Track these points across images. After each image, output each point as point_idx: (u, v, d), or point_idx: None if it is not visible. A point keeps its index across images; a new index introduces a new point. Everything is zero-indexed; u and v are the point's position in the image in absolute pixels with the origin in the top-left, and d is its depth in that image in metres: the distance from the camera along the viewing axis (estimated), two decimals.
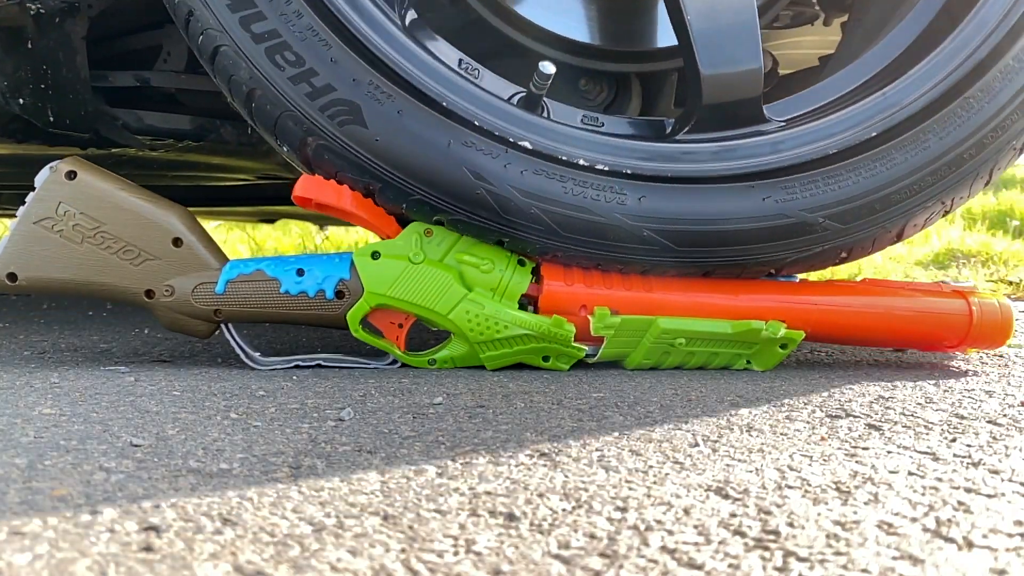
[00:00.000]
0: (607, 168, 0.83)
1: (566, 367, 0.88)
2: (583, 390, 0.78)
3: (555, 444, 0.60)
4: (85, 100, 1.00)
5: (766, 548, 0.43)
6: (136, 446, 0.58)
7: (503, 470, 0.54)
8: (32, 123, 1.00)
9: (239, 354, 0.87)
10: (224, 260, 0.86)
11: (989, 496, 0.50)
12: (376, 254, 0.85)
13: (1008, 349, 1.06)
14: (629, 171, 0.83)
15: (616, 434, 0.63)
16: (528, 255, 0.86)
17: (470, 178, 0.81)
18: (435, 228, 0.85)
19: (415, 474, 0.53)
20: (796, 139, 0.86)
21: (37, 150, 1.15)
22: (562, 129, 0.84)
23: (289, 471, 0.53)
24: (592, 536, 0.44)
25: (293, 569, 0.39)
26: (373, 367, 0.88)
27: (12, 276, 0.83)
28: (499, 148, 0.82)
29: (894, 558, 0.42)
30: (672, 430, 0.64)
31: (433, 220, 0.84)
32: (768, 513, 0.47)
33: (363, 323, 0.85)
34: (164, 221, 0.85)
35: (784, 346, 0.88)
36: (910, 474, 0.54)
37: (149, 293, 0.85)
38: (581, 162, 0.83)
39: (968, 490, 0.51)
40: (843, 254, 0.89)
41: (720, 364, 0.89)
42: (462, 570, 0.40)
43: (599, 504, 0.48)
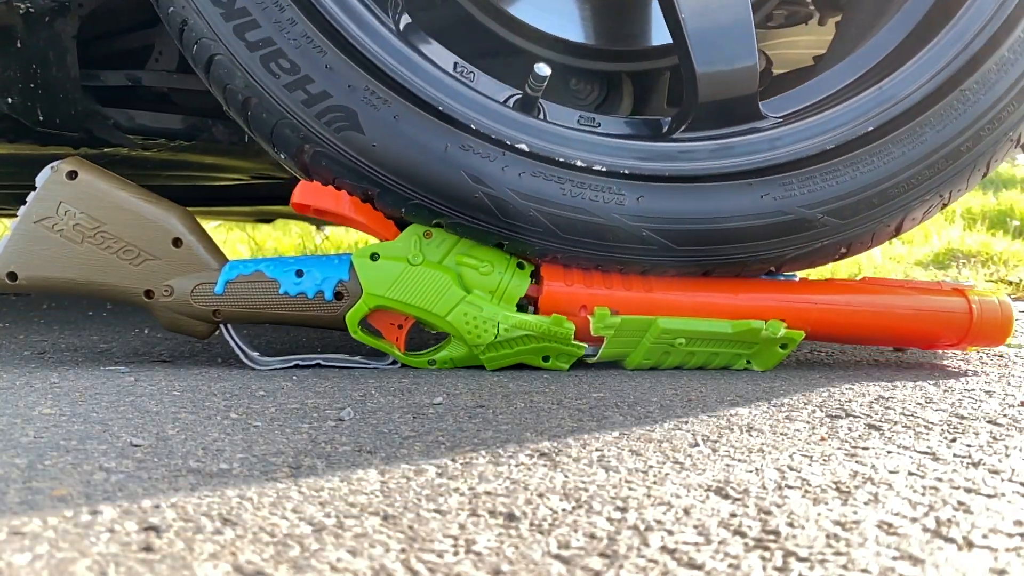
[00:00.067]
0: (605, 169, 0.83)
1: (566, 366, 0.88)
2: (583, 390, 0.78)
3: (555, 444, 0.60)
4: (75, 99, 1.00)
5: (766, 548, 0.43)
6: (136, 446, 0.58)
7: (503, 470, 0.54)
8: (22, 123, 1.00)
9: (238, 354, 0.87)
10: (224, 261, 0.86)
11: (989, 496, 0.50)
12: (375, 256, 0.85)
13: (1008, 349, 1.06)
14: (627, 171, 0.83)
15: (616, 434, 0.63)
16: (528, 257, 0.86)
17: (468, 182, 0.81)
18: (434, 230, 0.85)
19: (415, 474, 0.53)
20: (793, 135, 0.86)
21: (30, 150, 1.15)
22: (558, 130, 0.84)
23: (289, 471, 0.53)
24: (592, 536, 0.44)
25: (293, 569, 0.39)
26: (373, 367, 0.88)
27: (12, 275, 0.83)
28: (496, 151, 0.81)
29: (894, 558, 0.42)
30: (672, 430, 0.64)
31: (432, 224, 0.84)
32: (768, 513, 0.47)
33: (362, 324, 0.85)
34: (164, 221, 0.85)
35: (784, 346, 0.88)
36: (910, 474, 0.54)
37: (148, 293, 0.85)
38: (578, 163, 0.83)
39: (968, 490, 0.51)
40: (842, 249, 0.89)
41: (720, 364, 0.89)
42: (462, 570, 0.40)
43: (599, 504, 0.48)
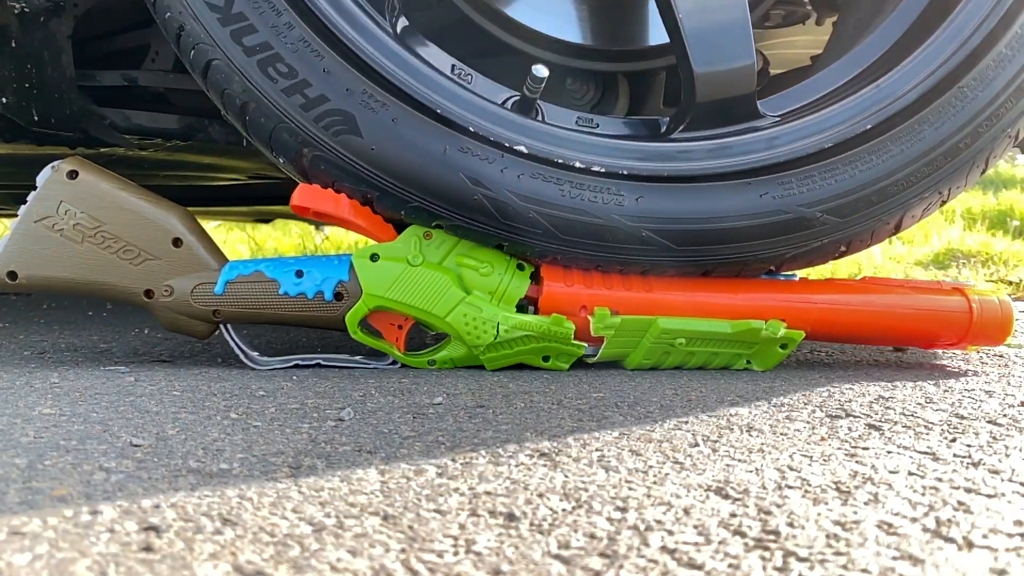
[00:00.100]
0: (603, 170, 0.83)
1: (566, 366, 0.88)
2: (583, 390, 0.78)
3: (555, 444, 0.60)
4: (71, 99, 1.00)
5: (766, 548, 0.43)
6: (136, 446, 0.58)
7: (503, 470, 0.54)
8: (18, 123, 1.00)
9: (238, 354, 0.87)
10: (224, 261, 0.86)
11: (989, 496, 0.50)
12: (375, 256, 0.85)
13: (1008, 349, 1.06)
14: (625, 172, 0.83)
15: (616, 434, 0.63)
16: (527, 258, 0.86)
17: (467, 184, 0.81)
18: (434, 231, 0.85)
19: (415, 474, 0.53)
20: (791, 134, 0.86)
21: (28, 150, 1.15)
22: (557, 132, 0.84)
23: (289, 471, 0.53)
24: (592, 536, 0.44)
25: (293, 569, 0.39)
26: (373, 367, 0.88)
27: (12, 274, 0.84)
28: (495, 153, 0.81)
29: (894, 558, 0.42)
30: (672, 430, 0.64)
31: (432, 226, 0.84)
32: (768, 513, 0.47)
33: (362, 324, 0.85)
34: (164, 221, 0.85)
35: (784, 346, 0.88)
36: (910, 474, 0.54)
37: (148, 293, 0.85)
38: (577, 164, 0.83)
39: (968, 490, 0.51)
40: (842, 248, 0.89)
41: (720, 364, 0.89)
42: (462, 570, 0.40)
43: (599, 504, 0.48)
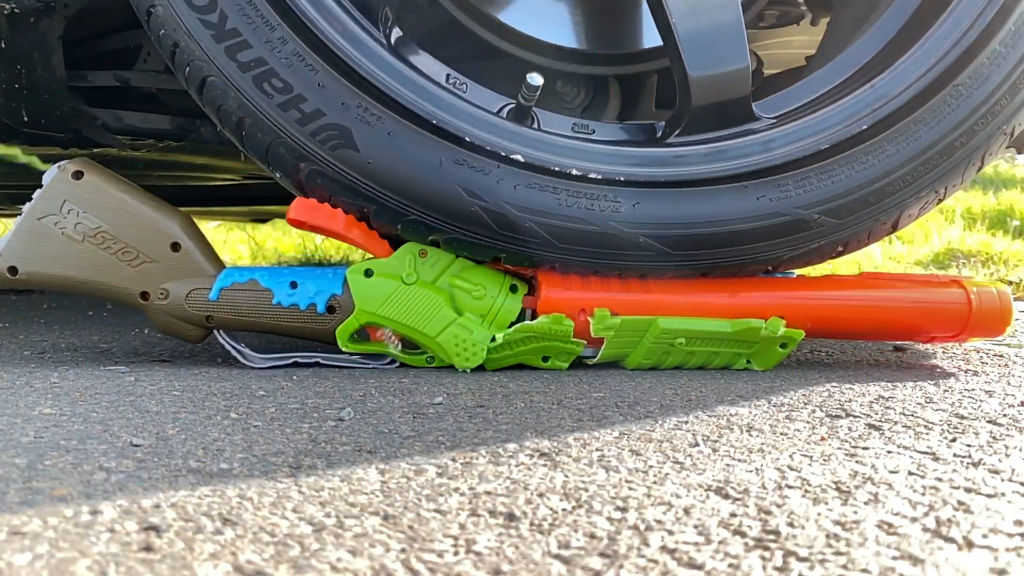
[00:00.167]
0: (600, 177, 0.83)
1: (565, 365, 0.88)
2: (583, 390, 0.78)
3: (555, 444, 0.60)
4: (61, 100, 1.00)
5: (766, 548, 0.43)
6: (136, 446, 0.58)
7: (503, 470, 0.54)
8: (8, 123, 1.00)
9: (235, 355, 0.87)
10: (220, 267, 0.86)
11: (989, 496, 0.50)
12: (369, 272, 0.85)
13: (1008, 349, 1.06)
14: (622, 178, 0.83)
15: (616, 434, 0.63)
16: (524, 268, 0.86)
17: (464, 196, 0.81)
18: (430, 249, 0.85)
19: (415, 474, 0.53)
20: (787, 136, 0.86)
21: (21, 151, 1.15)
22: (553, 139, 0.84)
23: (289, 471, 0.53)
24: (592, 536, 0.44)
25: (293, 569, 0.39)
26: (372, 367, 0.88)
27: (13, 270, 0.84)
28: (491, 164, 0.81)
29: (894, 558, 0.42)
30: (672, 430, 0.64)
31: (429, 240, 0.84)
32: (768, 513, 0.47)
33: (353, 335, 0.85)
34: (164, 225, 0.85)
35: (784, 345, 0.88)
36: (910, 474, 0.54)
37: (144, 295, 0.85)
38: (574, 172, 0.82)
39: (968, 490, 0.51)
40: (840, 248, 0.89)
41: (720, 364, 0.89)
42: (462, 570, 0.40)
43: (599, 504, 0.48)
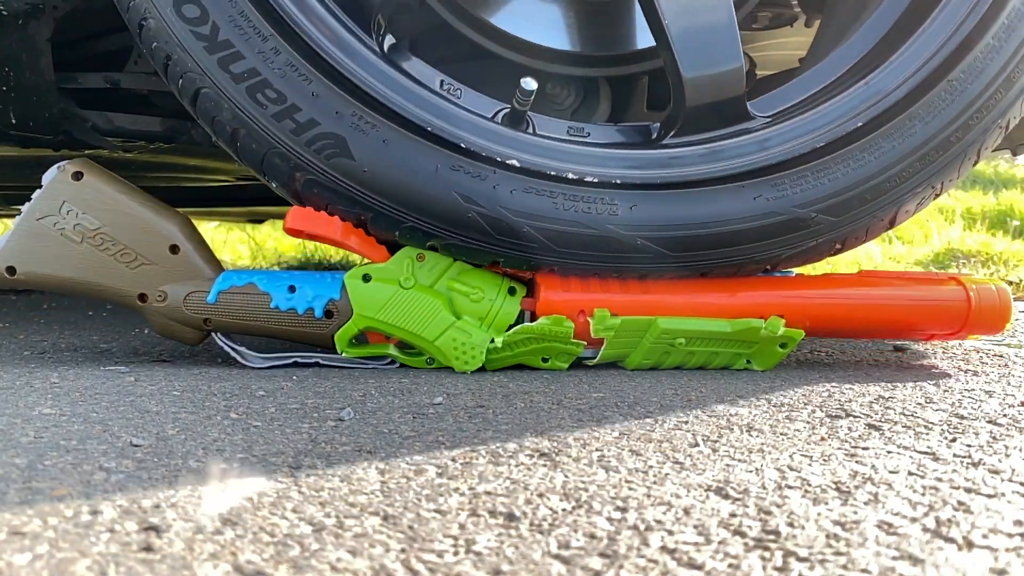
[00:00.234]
0: (596, 180, 0.83)
1: (565, 365, 0.88)
2: (583, 390, 0.78)
3: (555, 444, 0.60)
4: (50, 102, 0.99)
5: (766, 548, 0.43)
6: (136, 446, 0.58)
7: (503, 470, 0.54)
8: None
9: (234, 356, 0.87)
10: (219, 270, 0.86)
11: (989, 496, 0.50)
12: (367, 277, 0.85)
13: (1008, 349, 1.06)
14: (618, 180, 0.83)
15: (616, 434, 0.63)
16: (523, 272, 0.86)
17: (460, 202, 0.81)
18: (427, 253, 0.85)
19: (415, 474, 0.53)
20: (783, 135, 0.86)
21: (15, 152, 1.15)
22: (548, 144, 0.84)
23: (289, 471, 0.53)
24: (592, 536, 0.44)
25: (293, 569, 0.39)
26: (372, 367, 0.88)
27: (11, 270, 0.84)
28: (487, 169, 0.81)
29: (894, 558, 0.42)
30: (672, 430, 0.64)
31: (427, 246, 0.84)
32: (768, 513, 0.47)
33: (352, 339, 0.85)
34: (163, 228, 0.85)
35: (784, 345, 0.88)
36: (910, 474, 0.54)
37: (142, 297, 0.85)
38: (570, 175, 0.82)
39: (968, 490, 0.51)
40: (837, 246, 0.89)
41: (720, 364, 0.89)
42: (462, 570, 0.40)
43: (599, 504, 0.48)
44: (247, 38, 0.79)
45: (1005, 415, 0.71)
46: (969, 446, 0.61)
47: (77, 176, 0.85)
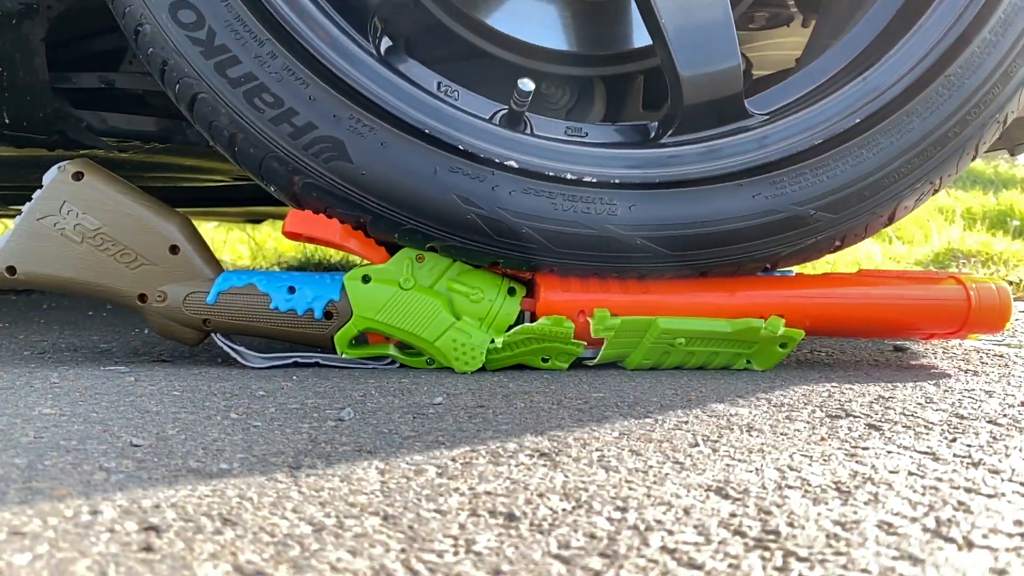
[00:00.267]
0: (595, 180, 0.83)
1: (565, 365, 0.88)
2: (583, 390, 0.78)
3: (555, 444, 0.60)
4: (44, 102, 0.99)
5: (766, 548, 0.43)
6: (136, 446, 0.58)
7: (503, 470, 0.54)
8: None
9: (234, 356, 0.87)
10: (219, 271, 0.86)
11: (989, 496, 0.50)
12: (367, 278, 0.85)
13: (1008, 349, 1.06)
14: (617, 180, 0.83)
15: (616, 434, 0.63)
16: (523, 272, 0.86)
17: (459, 204, 0.81)
18: (427, 254, 0.85)
19: (415, 474, 0.53)
20: (781, 132, 0.86)
21: (9, 151, 1.14)
22: (546, 144, 0.84)
23: (289, 471, 0.53)
24: (592, 536, 0.44)
25: (293, 569, 0.39)
26: (372, 367, 0.88)
27: (11, 269, 0.84)
28: (486, 171, 0.81)
29: (894, 558, 0.42)
30: (672, 430, 0.64)
31: (426, 247, 0.84)
32: (768, 513, 0.47)
33: (352, 341, 0.85)
34: (163, 228, 0.85)
35: (784, 345, 0.88)
36: (910, 474, 0.54)
37: (142, 297, 0.86)
38: (568, 176, 0.82)
39: (968, 490, 0.51)
40: (836, 243, 0.89)
41: (720, 364, 0.89)
42: (462, 570, 0.40)
43: (599, 504, 0.48)
44: (243, 42, 0.79)
45: (1005, 415, 0.71)
46: (969, 446, 0.61)
47: (78, 176, 0.85)
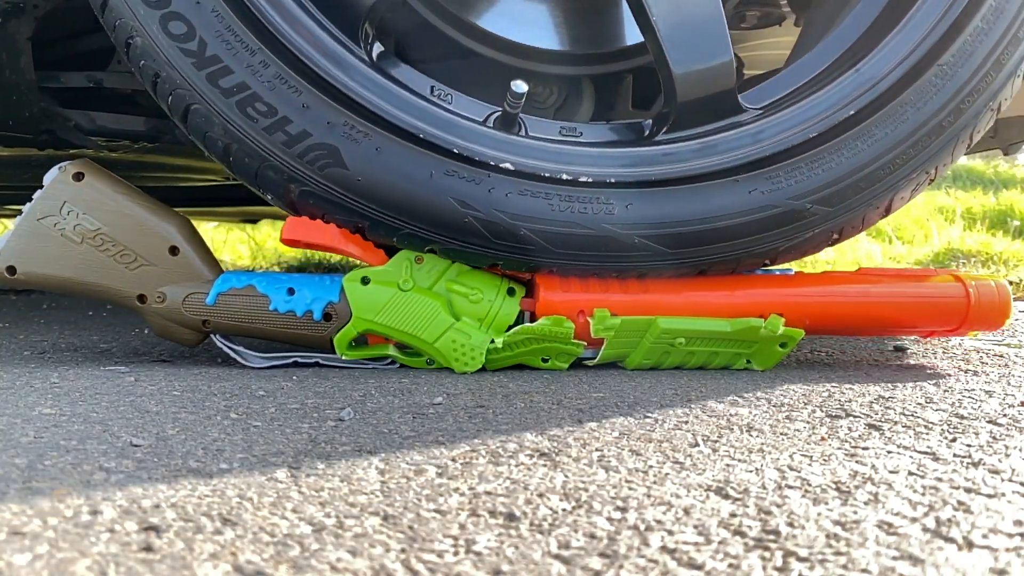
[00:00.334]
0: (591, 179, 0.83)
1: (565, 365, 0.88)
2: (583, 390, 0.78)
3: (555, 444, 0.60)
4: (30, 101, 0.99)
5: (766, 548, 0.43)
6: (136, 446, 0.58)
7: (503, 470, 0.54)
8: None
9: (234, 357, 0.87)
10: (218, 272, 0.86)
11: (989, 496, 0.50)
12: (366, 279, 0.85)
13: (1008, 349, 1.06)
14: (613, 179, 0.83)
15: (616, 434, 0.63)
16: (522, 274, 0.86)
17: (456, 207, 0.81)
18: (426, 255, 0.85)
19: (415, 474, 0.53)
20: (775, 127, 0.86)
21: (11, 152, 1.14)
22: (541, 145, 0.84)
23: (289, 471, 0.53)
24: (592, 536, 0.44)
25: (293, 569, 0.39)
26: (372, 367, 0.88)
27: (11, 269, 0.85)
28: (481, 173, 0.81)
29: (894, 558, 0.42)
30: (672, 430, 0.64)
31: (426, 250, 0.84)
32: (768, 513, 0.47)
33: (351, 342, 0.85)
34: (163, 229, 0.86)
35: (784, 344, 0.88)
36: (910, 474, 0.54)
37: (142, 298, 0.86)
38: (564, 176, 0.82)
39: (968, 490, 0.51)
40: (834, 236, 0.89)
41: (720, 364, 0.89)
42: (462, 570, 0.40)
43: (599, 504, 0.48)
44: (235, 52, 0.79)
45: (1005, 415, 0.71)
46: (969, 446, 0.61)
47: (78, 177, 0.86)
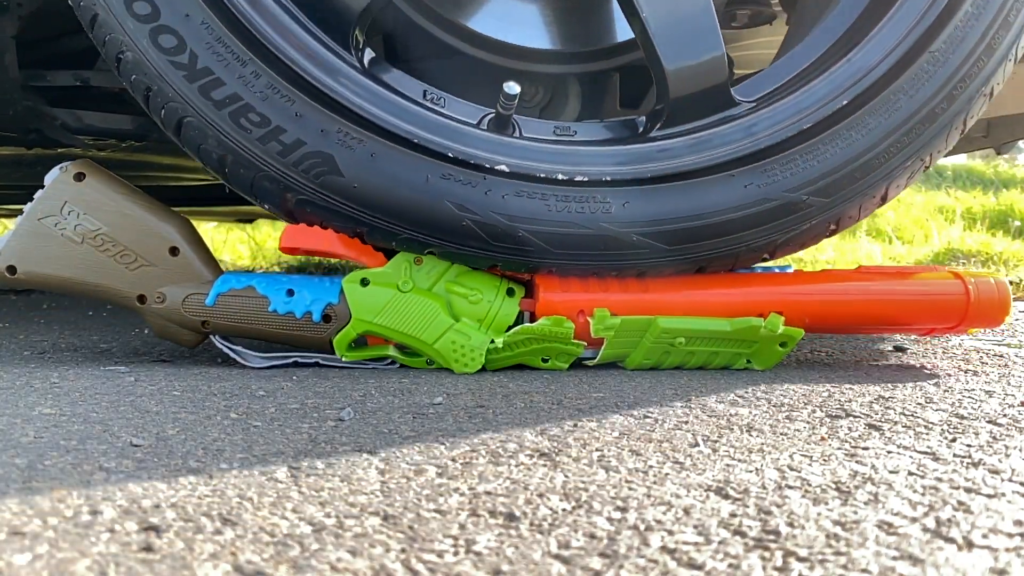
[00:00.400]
0: (587, 179, 0.83)
1: (565, 366, 0.88)
2: (583, 390, 0.78)
3: (555, 444, 0.60)
4: (15, 99, 0.98)
5: (766, 548, 0.43)
6: (136, 446, 0.58)
7: (503, 470, 0.54)
8: None
9: (234, 357, 0.87)
10: (218, 273, 0.86)
11: (989, 496, 0.50)
12: (365, 281, 0.85)
13: (1008, 349, 1.06)
14: (608, 178, 0.83)
15: (616, 434, 0.63)
16: (522, 274, 0.86)
17: (453, 210, 0.81)
18: (425, 256, 0.85)
19: (415, 474, 0.53)
20: (769, 120, 0.86)
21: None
22: (536, 146, 0.84)
23: (289, 471, 0.53)
24: (592, 536, 0.44)
25: (293, 569, 0.39)
26: (372, 367, 0.88)
27: (12, 269, 0.85)
28: (477, 176, 0.81)
29: (894, 558, 0.42)
30: (672, 430, 0.64)
31: (425, 253, 0.84)
32: (768, 513, 0.47)
33: (351, 344, 0.85)
34: (163, 230, 0.86)
35: (784, 344, 0.88)
36: (910, 474, 0.54)
37: (141, 298, 0.86)
38: (560, 176, 0.82)
39: (968, 490, 0.51)
40: (831, 227, 0.89)
41: (720, 363, 0.89)
42: (462, 570, 0.40)
43: (599, 504, 0.48)
44: (226, 64, 0.79)
45: (1005, 415, 0.71)
46: (969, 446, 0.61)
47: (79, 177, 0.86)
